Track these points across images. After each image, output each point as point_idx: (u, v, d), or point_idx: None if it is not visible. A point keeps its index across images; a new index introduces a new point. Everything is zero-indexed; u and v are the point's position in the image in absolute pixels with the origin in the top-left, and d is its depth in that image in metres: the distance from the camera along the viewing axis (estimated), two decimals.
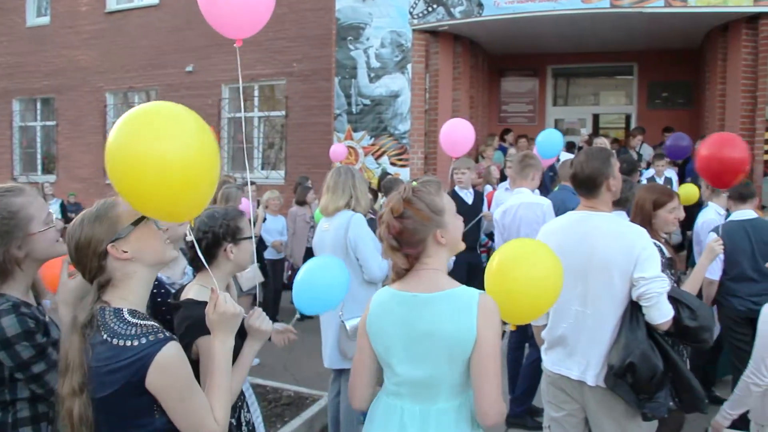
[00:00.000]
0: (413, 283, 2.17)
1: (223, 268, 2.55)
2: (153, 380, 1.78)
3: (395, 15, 10.09)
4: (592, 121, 13.01)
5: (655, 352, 2.88)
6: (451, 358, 2.09)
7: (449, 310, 2.09)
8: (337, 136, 10.46)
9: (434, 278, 2.17)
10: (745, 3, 8.75)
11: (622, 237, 2.96)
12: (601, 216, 3.06)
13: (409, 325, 2.13)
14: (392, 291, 2.20)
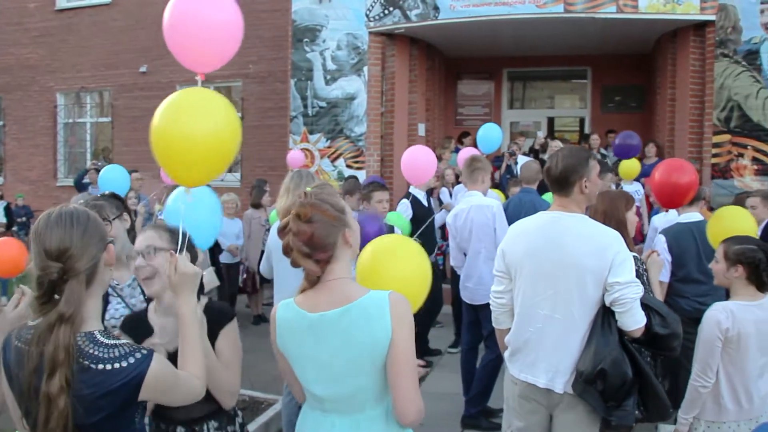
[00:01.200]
0: (323, 296, 2.10)
1: None
2: (147, 392, 1.89)
3: (352, 17, 10.06)
4: (547, 124, 13.16)
5: (625, 359, 2.85)
6: (373, 366, 2.06)
7: (364, 320, 2.04)
8: (293, 139, 10.39)
9: (345, 288, 2.12)
10: (693, 11, 8.96)
11: (595, 240, 2.90)
12: (573, 217, 2.98)
13: (320, 349, 2.08)
14: (297, 311, 2.13)
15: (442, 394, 5.98)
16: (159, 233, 2.60)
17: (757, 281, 3.25)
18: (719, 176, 8.94)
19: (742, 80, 8.94)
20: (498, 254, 3.12)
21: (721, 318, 3.19)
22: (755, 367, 3.25)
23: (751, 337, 3.19)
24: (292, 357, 2.16)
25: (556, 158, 3.03)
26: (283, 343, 2.16)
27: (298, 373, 2.18)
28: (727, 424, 3.26)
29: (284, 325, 2.14)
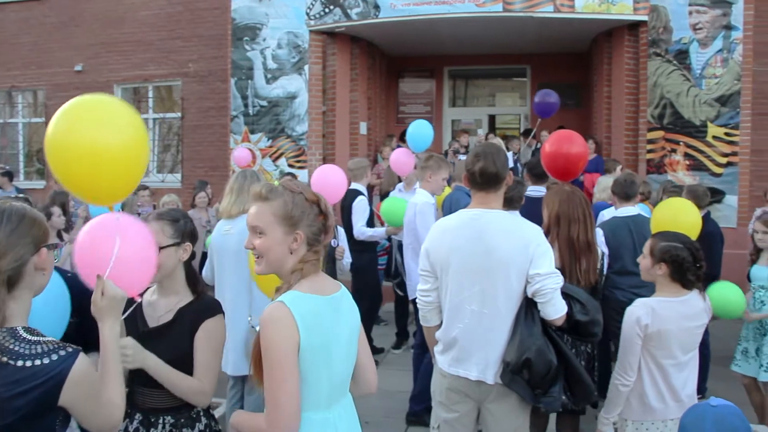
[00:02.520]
0: (322, 282, 2.17)
1: None
2: (68, 395, 1.78)
3: (292, 16, 10.00)
4: (488, 122, 13.31)
5: (549, 347, 2.92)
6: (352, 347, 2.23)
7: (351, 301, 2.26)
8: (234, 138, 10.27)
9: (323, 275, 2.22)
10: (626, 11, 9.19)
11: (517, 234, 2.97)
12: (494, 213, 3.03)
13: (340, 330, 2.15)
14: (311, 297, 2.06)
15: (387, 391, 5.98)
16: (162, 227, 2.62)
17: (681, 279, 3.26)
18: (654, 171, 9.20)
19: (673, 78, 9.22)
20: (422, 253, 3.15)
21: (640, 314, 3.21)
22: (678, 364, 3.27)
23: (672, 333, 3.21)
24: (317, 348, 2.02)
25: (489, 157, 3.04)
26: (310, 337, 1.99)
27: (323, 363, 2.05)
28: (655, 424, 3.28)
29: (308, 317, 2.00)
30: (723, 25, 9.09)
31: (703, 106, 9.15)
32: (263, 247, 2.10)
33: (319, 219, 2.16)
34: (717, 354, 5.87)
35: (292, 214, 2.09)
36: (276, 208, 2.09)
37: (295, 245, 2.10)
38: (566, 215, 3.81)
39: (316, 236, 2.15)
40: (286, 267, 2.12)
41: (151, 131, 12.98)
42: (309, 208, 2.13)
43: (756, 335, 5.04)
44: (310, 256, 2.13)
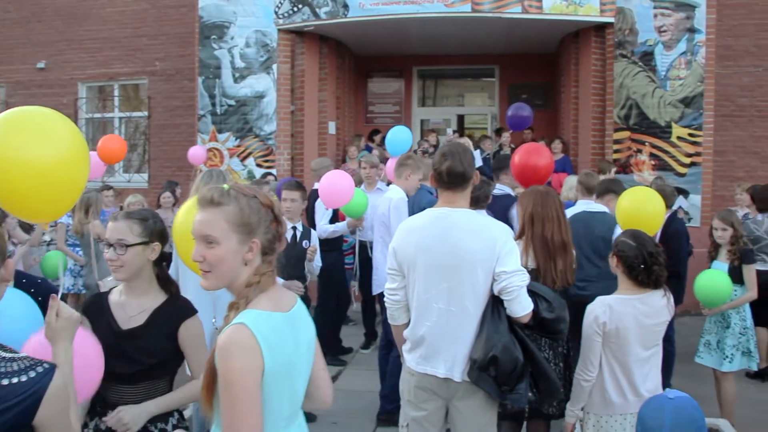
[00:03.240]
0: (279, 295, 2.00)
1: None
2: (44, 413, 1.69)
3: (260, 14, 9.92)
4: (457, 122, 13.36)
5: (515, 344, 2.95)
6: (311, 360, 2.11)
7: (307, 315, 2.11)
8: (201, 138, 10.15)
9: (279, 287, 2.06)
10: (593, 13, 9.29)
11: (483, 232, 3.00)
12: (461, 212, 3.06)
13: (299, 347, 1.98)
14: (271, 315, 1.88)
15: (356, 391, 5.99)
16: (130, 226, 2.58)
17: (631, 277, 3.32)
18: (620, 171, 9.28)
19: (639, 80, 9.34)
20: (389, 252, 3.18)
21: (598, 312, 3.28)
22: (638, 360, 3.33)
23: (630, 330, 3.27)
24: (281, 371, 1.86)
25: (456, 156, 3.06)
26: (274, 360, 1.82)
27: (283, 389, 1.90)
28: (614, 418, 3.36)
29: (271, 339, 1.83)
30: (687, 28, 9.23)
31: (668, 107, 9.28)
32: (215, 259, 1.88)
33: (274, 225, 1.98)
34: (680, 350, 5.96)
35: (248, 221, 1.91)
36: (230, 214, 1.89)
37: (250, 255, 1.91)
38: (540, 215, 3.84)
39: (271, 244, 1.97)
40: (239, 280, 1.92)
41: (117, 130, 12.80)
42: (264, 214, 1.95)
43: (718, 328, 5.17)
44: (265, 267, 1.95)
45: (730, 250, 5.20)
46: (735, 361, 5.03)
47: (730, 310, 5.10)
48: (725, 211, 5.45)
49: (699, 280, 4.95)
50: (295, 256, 5.26)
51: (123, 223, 2.59)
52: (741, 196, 8.04)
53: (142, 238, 2.58)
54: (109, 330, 2.56)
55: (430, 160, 6.82)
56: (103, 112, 13.00)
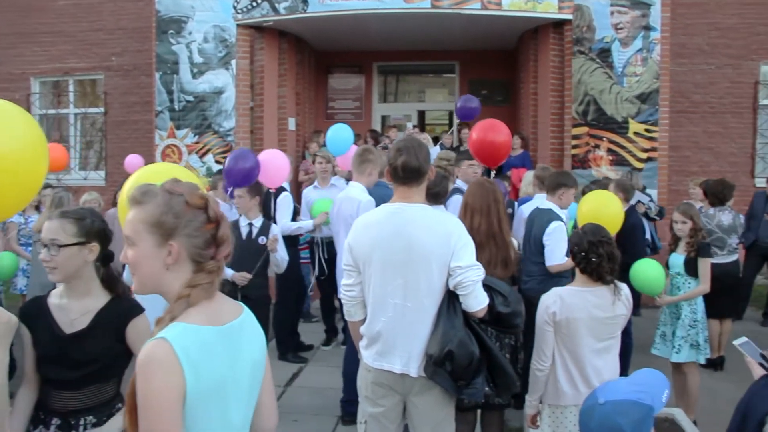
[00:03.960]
0: (218, 306, 1.81)
1: None
2: None
3: (218, 9, 9.79)
4: (418, 118, 13.38)
5: (471, 339, 2.95)
6: (256, 382, 1.91)
7: (256, 328, 1.93)
8: (159, 134, 10.00)
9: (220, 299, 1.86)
10: (551, 10, 9.38)
11: (438, 227, 2.99)
12: (416, 207, 3.06)
13: (235, 366, 1.79)
14: (199, 330, 1.70)
15: (317, 388, 5.97)
16: (64, 226, 2.48)
17: (583, 271, 3.37)
18: (579, 166, 9.42)
19: (596, 76, 9.46)
20: (345, 248, 3.16)
21: (549, 303, 3.34)
22: (590, 351, 3.38)
23: (581, 322, 3.32)
24: (209, 393, 1.69)
25: (411, 151, 3.05)
26: (199, 381, 1.66)
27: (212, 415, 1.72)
28: (569, 409, 3.41)
29: (196, 356, 1.66)
30: (642, 25, 9.38)
31: (625, 103, 9.42)
32: (133, 261, 1.75)
33: (207, 228, 1.77)
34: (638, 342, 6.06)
35: (162, 221, 1.72)
36: (146, 213, 1.73)
37: (170, 260, 1.73)
38: (471, 206, 3.90)
39: (200, 250, 1.76)
40: (166, 288, 1.76)
41: (73, 126, 12.54)
42: (190, 215, 1.75)
43: (672, 319, 5.26)
44: (201, 278, 1.75)
45: (689, 242, 5.29)
46: (683, 353, 5.12)
47: (683, 302, 5.20)
48: (685, 205, 5.55)
49: (632, 271, 5.05)
50: (250, 252, 5.21)
51: (57, 222, 2.49)
52: (694, 191, 8.21)
53: (78, 238, 2.48)
54: (51, 335, 2.47)
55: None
56: (58, 108, 12.72)
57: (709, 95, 11.45)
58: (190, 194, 1.77)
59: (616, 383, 1.97)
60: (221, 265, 1.82)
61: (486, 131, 5.19)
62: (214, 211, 1.78)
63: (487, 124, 5.35)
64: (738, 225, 6.91)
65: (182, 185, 1.80)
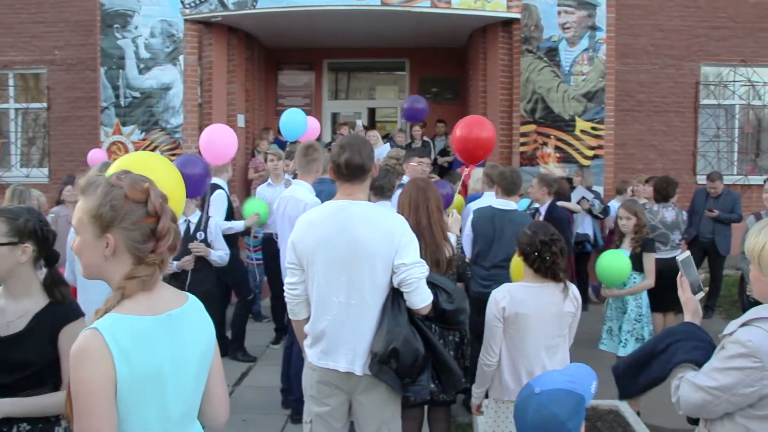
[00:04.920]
0: (150, 300, 1.79)
1: None
2: None
3: (166, 3, 9.61)
4: (368, 115, 13.38)
5: (416, 336, 2.95)
6: (203, 373, 1.92)
7: (202, 316, 1.94)
8: (105, 131, 9.77)
9: (163, 285, 1.88)
10: (500, 8, 9.48)
11: (382, 224, 2.99)
12: (360, 204, 3.05)
13: (176, 356, 1.79)
14: (134, 320, 1.71)
15: (266, 387, 5.93)
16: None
17: (528, 265, 3.41)
18: (527, 164, 9.54)
19: (544, 75, 9.60)
20: (288, 246, 3.12)
21: (498, 298, 3.37)
22: (537, 348, 3.43)
23: (530, 318, 3.37)
24: (142, 381, 1.69)
25: (355, 148, 3.04)
26: (131, 369, 1.66)
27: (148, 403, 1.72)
28: (510, 408, 3.45)
29: (128, 345, 1.66)
30: (588, 25, 9.55)
31: (572, 101, 9.58)
32: (77, 249, 1.78)
33: (146, 222, 1.77)
34: (584, 336, 6.17)
35: (99, 213, 1.73)
36: (88, 204, 1.75)
37: (108, 252, 1.74)
38: (401, 204, 3.92)
39: (137, 244, 1.76)
40: (107, 277, 1.78)
41: (14, 122, 12.18)
42: (128, 208, 1.74)
43: (618, 314, 5.37)
44: (140, 270, 1.76)
45: (633, 238, 5.40)
46: (628, 347, 5.22)
47: (628, 296, 5.31)
48: (629, 201, 5.67)
49: (600, 260, 5.15)
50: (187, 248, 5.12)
51: None
52: (638, 188, 8.39)
53: (9, 238, 2.39)
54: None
55: None
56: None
57: (653, 94, 11.75)
58: (131, 187, 1.76)
59: (549, 374, 2.02)
60: (164, 257, 1.82)
61: (471, 128, 5.13)
62: (154, 205, 1.77)
63: (472, 120, 5.30)
64: (681, 221, 7.08)
65: (126, 178, 1.79)
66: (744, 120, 12.24)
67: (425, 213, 3.75)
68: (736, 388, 2.09)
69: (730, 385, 2.10)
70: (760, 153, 12.43)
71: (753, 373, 2.06)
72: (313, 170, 5.21)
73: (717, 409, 2.16)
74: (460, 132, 5.13)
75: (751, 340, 2.07)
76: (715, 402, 2.15)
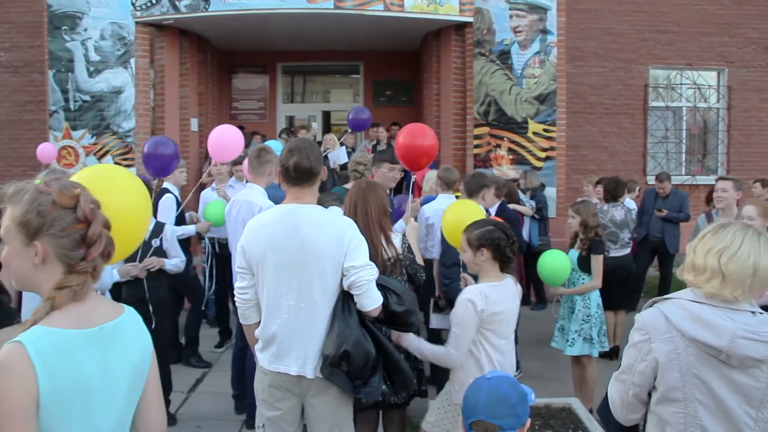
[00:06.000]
0: (80, 313, 1.73)
1: None
2: None
3: (116, 5, 9.44)
4: (323, 118, 13.36)
5: (367, 338, 2.97)
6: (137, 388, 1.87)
7: (137, 330, 1.88)
8: (54, 135, 9.57)
9: (101, 297, 1.87)
10: (453, 12, 9.57)
11: (331, 227, 3.00)
12: (308, 208, 3.05)
13: (106, 371, 1.74)
14: (72, 333, 1.67)
15: (221, 393, 5.86)
16: None
17: (502, 259, 3.42)
18: (480, 165, 9.64)
19: (497, 77, 9.72)
20: (238, 250, 3.12)
21: (476, 300, 3.28)
22: (509, 343, 3.47)
23: (503, 315, 3.39)
24: (67, 397, 1.64)
25: (303, 152, 3.04)
26: (54, 384, 1.61)
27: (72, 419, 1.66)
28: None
29: (52, 359, 1.62)
30: (540, 29, 9.70)
31: (524, 103, 9.72)
32: (5, 259, 1.73)
33: (75, 228, 1.71)
34: (537, 335, 6.28)
35: (26, 220, 1.68)
36: (15, 212, 1.69)
37: (37, 260, 1.69)
38: (344, 206, 3.93)
39: (66, 251, 1.71)
40: (37, 287, 1.73)
41: None
42: (57, 214, 1.69)
43: (569, 313, 5.45)
44: (71, 280, 1.71)
45: (582, 239, 5.49)
46: (576, 346, 5.30)
47: (576, 297, 5.39)
48: (578, 202, 5.77)
49: (541, 260, 5.23)
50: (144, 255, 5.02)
51: None
52: (587, 188, 8.56)
53: None
54: None
55: None
56: None
57: (604, 97, 11.99)
58: (59, 193, 1.71)
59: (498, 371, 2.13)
60: (96, 265, 1.76)
61: (413, 136, 5.11)
62: (84, 211, 1.72)
63: (415, 129, 5.29)
64: (630, 220, 7.24)
65: (55, 183, 1.74)
66: (691, 122, 12.58)
67: (363, 215, 3.75)
68: (634, 364, 2.25)
69: (630, 364, 2.27)
70: (707, 154, 12.79)
71: (642, 345, 2.22)
72: (265, 173, 5.16)
73: (630, 399, 2.30)
74: (403, 140, 5.15)
75: (643, 316, 2.26)
76: (625, 389, 2.29)
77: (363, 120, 8.93)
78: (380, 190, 4.04)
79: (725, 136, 12.47)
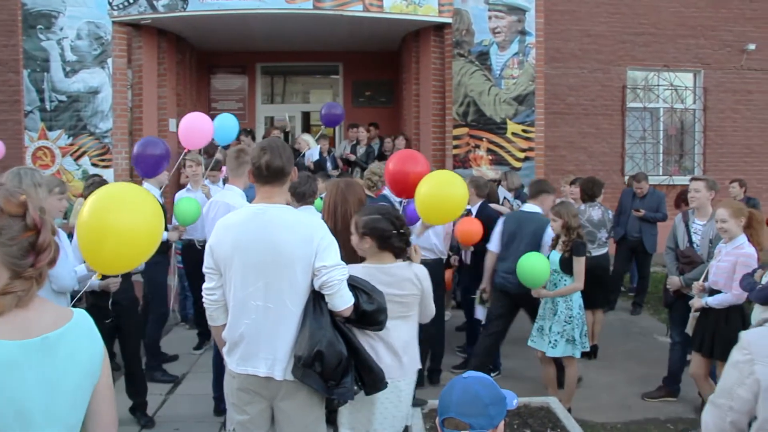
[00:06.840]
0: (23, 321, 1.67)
1: None
2: None
3: (93, 4, 9.35)
4: (302, 119, 13.33)
5: (338, 339, 2.95)
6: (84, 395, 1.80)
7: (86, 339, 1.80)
8: (30, 136, 9.45)
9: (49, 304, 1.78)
10: (432, 13, 9.59)
11: (300, 228, 2.97)
12: (278, 208, 3.03)
13: (46, 384, 1.67)
14: (10, 344, 1.61)
15: (198, 395, 5.83)
16: None
17: (389, 249, 3.38)
18: (460, 166, 9.67)
19: (476, 78, 9.75)
20: (206, 251, 3.09)
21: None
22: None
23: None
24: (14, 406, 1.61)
25: (275, 151, 3.02)
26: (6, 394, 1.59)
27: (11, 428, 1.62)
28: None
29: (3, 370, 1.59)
30: (518, 30, 9.75)
31: (503, 104, 9.76)
32: None
33: (25, 236, 1.68)
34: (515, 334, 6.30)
35: None
36: None
37: None
38: (325, 205, 3.92)
39: (15, 259, 1.65)
40: None
41: None
42: (4, 222, 1.65)
43: (550, 314, 5.46)
44: (16, 285, 1.65)
45: (564, 241, 5.50)
46: (558, 348, 5.31)
47: (558, 298, 5.40)
48: (558, 204, 5.81)
49: (520, 262, 5.25)
50: None
51: None
52: (565, 188, 8.60)
53: None
54: None
55: None
56: None
57: (582, 98, 12.09)
58: (6, 200, 1.66)
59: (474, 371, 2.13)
60: (42, 272, 1.72)
61: (404, 163, 4.88)
62: (33, 218, 1.68)
63: (406, 155, 5.10)
64: (607, 220, 7.29)
65: (0, 190, 1.69)
66: (668, 122, 12.71)
67: (342, 216, 3.75)
68: (733, 387, 2.07)
69: (729, 387, 2.08)
70: (684, 154, 12.93)
71: (744, 366, 2.04)
72: (243, 174, 5.13)
73: (727, 428, 2.10)
74: (393, 167, 4.91)
75: (748, 335, 2.08)
76: (722, 415, 2.10)
77: (336, 115, 8.91)
78: (359, 189, 4.04)
79: (701, 136, 12.62)
